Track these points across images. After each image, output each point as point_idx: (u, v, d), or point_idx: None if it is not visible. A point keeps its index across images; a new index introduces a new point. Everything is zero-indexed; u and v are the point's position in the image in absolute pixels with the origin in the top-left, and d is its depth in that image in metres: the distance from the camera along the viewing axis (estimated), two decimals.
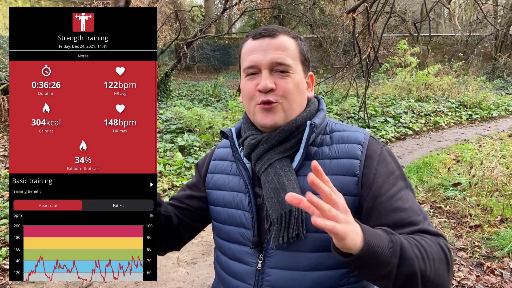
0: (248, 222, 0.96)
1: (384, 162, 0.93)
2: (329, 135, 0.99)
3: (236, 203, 0.99)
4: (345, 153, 0.94)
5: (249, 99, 0.96)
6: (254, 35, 0.97)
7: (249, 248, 0.96)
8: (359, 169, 0.91)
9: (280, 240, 0.88)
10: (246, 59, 0.96)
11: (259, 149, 0.95)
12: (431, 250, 0.79)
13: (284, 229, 0.88)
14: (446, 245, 0.84)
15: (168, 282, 2.82)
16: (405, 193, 0.90)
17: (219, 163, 1.09)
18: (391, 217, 0.86)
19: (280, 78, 0.93)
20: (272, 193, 0.90)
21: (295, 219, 0.88)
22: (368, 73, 5.62)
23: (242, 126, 1.05)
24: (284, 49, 0.94)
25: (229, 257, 1.01)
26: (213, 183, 1.07)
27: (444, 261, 0.80)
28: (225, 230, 1.02)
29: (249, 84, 0.95)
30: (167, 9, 13.44)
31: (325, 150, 0.96)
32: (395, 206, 0.87)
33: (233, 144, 1.02)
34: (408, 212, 0.87)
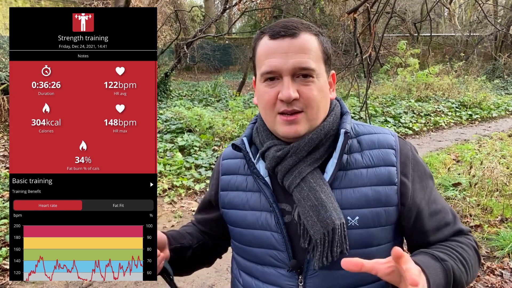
0: (279, 244, 0.88)
1: (417, 165, 0.90)
2: (356, 139, 0.92)
3: (261, 224, 0.91)
4: (380, 161, 0.88)
5: (269, 108, 0.87)
6: (272, 33, 0.86)
7: (285, 270, 0.89)
8: (397, 177, 0.86)
9: (325, 261, 0.82)
10: (264, 62, 0.86)
11: (287, 162, 0.86)
12: (469, 257, 0.85)
13: (328, 249, 0.82)
14: (475, 241, 0.91)
15: None
16: (435, 193, 0.93)
17: (231, 178, 0.99)
18: (432, 221, 0.89)
19: (304, 84, 0.84)
20: (311, 211, 0.82)
21: (339, 237, 0.82)
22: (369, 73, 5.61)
23: (257, 134, 0.95)
24: (307, 51, 0.84)
25: (262, 280, 0.93)
26: (229, 202, 0.97)
27: (477, 261, 0.89)
28: (253, 253, 0.93)
29: (268, 91, 0.86)
30: (167, 9, 13.43)
31: (358, 158, 0.88)
32: (432, 210, 0.90)
33: (248, 158, 0.93)
34: (442, 213, 0.91)
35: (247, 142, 0.95)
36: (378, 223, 0.86)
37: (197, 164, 5.41)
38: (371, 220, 0.86)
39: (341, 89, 10.76)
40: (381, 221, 0.86)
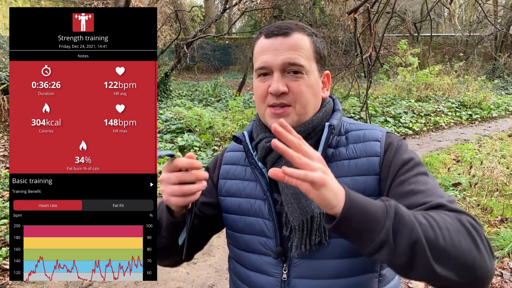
0: (269, 231, 0.92)
1: (401, 151, 0.89)
2: (345, 136, 0.95)
3: (255, 211, 0.95)
4: (363, 152, 0.90)
5: (260, 101, 0.93)
6: (266, 33, 0.92)
7: (271, 258, 0.92)
8: (379, 166, 0.88)
9: (303, 248, 0.85)
10: (258, 59, 0.92)
11: (274, 153, 0.90)
12: (444, 221, 0.69)
13: (306, 236, 0.85)
14: (471, 222, 0.72)
15: (168, 282, 2.82)
16: (423, 178, 0.83)
17: (231, 168, 1.03)
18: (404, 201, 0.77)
19: (293, 80, 0.89)
20: (292, 199, 0.86)
21: (317, 225, 0.85)
22: (370, 73, 5.61)
23: (254, 128, 1.01)
24: (297, 49, 0.89)
25: (249, 268, 0.96)
26: (226, 189, 1.01)
27: (466, 234, 0.69)
28: (243, 239, 0.96)
29: (261, 85, 0.92)
30: (167, 9, 13.44)
31: (342, 151, 0.92)
32: (408, 189, 0.81)
33: (247, 149, 0.98)
34: (425, 193, 0.79)
35: (248, 136, 1.00)
36: None
37: None
38: None
39: (341, 89, 10.76)
40: None
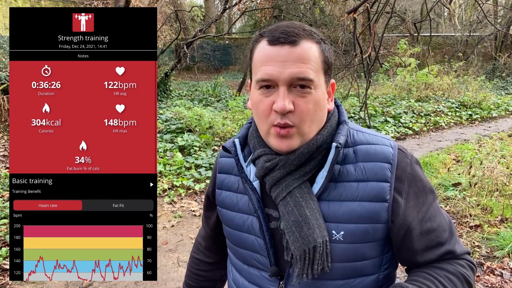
0: (261, 249, 0.89)
1: (414, 180, 0.86)
2: (352, 149, 0.87)
3: (247, 228, 0.91)
4: (373, 175, 0.84)
5: (263, 118, 0.83)
6: (271, 38, 0.80)
7: (268, 274, 0.90)
8: (389, 193, 0.83)
9: (305, 278, 0.82)
10: (261, 69, 0.81)
11: (275, 174, 0.84)
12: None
13: (308, 266, 0.81)
14: (470, 265, 0.86)
15: (168, 282, 2.82)
16: (433, 209, 0.87)
17: (225, 177, 0.97)
18: (422, 241, 0.86)
19: (300, 96, 0.80)
20: (294, 227, 0.81)
21: (320, 255, 0.81)
22: (369, 73, 5.62)
23: (251, 137, 0.93)
24: (306, 61, 0.79)
25: (248, 280, 0.95)
26: (221, 201, 0.97)
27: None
28: (240, 253, 0.95)
29: (263, 100, 0.82)
30: (167, 9, 13.43)
31: (351, 170, 0.85)
32: (425, 229, 0.86)
33: (238, 162, 0.90)
34: (437, 231, 0.87)
35: (239, 144, 0.92)
36: (365, 239, 0.84)
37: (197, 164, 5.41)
38: (356, 236, 0.83)
39: (341, 89, 10.76)
40: (368, 237, 0.84)
